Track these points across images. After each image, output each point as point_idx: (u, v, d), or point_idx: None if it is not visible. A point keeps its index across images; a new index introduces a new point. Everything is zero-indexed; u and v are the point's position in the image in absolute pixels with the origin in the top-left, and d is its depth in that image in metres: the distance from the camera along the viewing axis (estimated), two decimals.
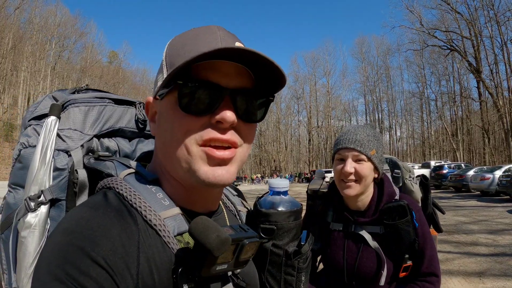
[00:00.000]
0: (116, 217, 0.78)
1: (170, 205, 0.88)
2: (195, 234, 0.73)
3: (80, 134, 1.15)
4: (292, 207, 1.11)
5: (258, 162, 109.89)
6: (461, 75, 70.63)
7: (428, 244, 1.95)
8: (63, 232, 0.75)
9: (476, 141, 69.56)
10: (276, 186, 1.13)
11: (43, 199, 1.05)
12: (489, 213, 15.69)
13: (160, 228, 0.81)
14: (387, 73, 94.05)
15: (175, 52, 0.89)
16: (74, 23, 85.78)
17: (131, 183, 0.89)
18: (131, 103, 1.34)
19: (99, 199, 0.84)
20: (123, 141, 1.27)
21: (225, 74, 0.84)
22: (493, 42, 55.48)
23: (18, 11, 68.96)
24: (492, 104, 55.00)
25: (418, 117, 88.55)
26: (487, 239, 10.45)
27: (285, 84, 0.91)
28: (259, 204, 1.12)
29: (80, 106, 1.19)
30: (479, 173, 25.29)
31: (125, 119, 1.29)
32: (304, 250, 1.10)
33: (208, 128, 0.83)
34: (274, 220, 1.07)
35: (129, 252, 0.74)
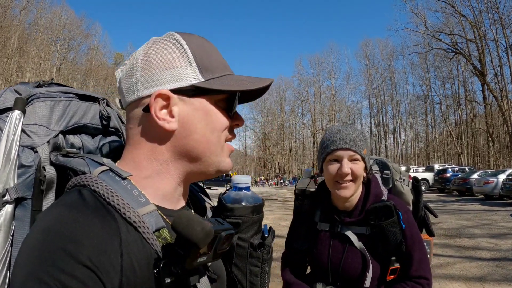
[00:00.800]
0: (95, 215, 0.79)
1: (146, 202, 0.89)
2: (179, 228, 0.75)
3: (46, 129, 1.10)
4: (255, 201, 1.16)
5: (262, 164, 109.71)
6: (465, 78, 70.25)
7: (416, 246, 1.92)
8: (42, 233, 0.74)
9: (480, 144, 69.18)
10: (239, 182, 1.19)
11: (8, 198, 1.00)
12: (492, 217, 15.62)
13: (140, 225, 0.83)
14: (391, 76, 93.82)
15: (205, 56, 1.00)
16: (79, 25, 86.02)
17: (106, 181, 0.89)
18: (95, 98, 1.31)
19: (75, 198, 0.84)
20: (87, 138, 1.24)
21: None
22: (498, 45, 55.17)
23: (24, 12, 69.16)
24: (497, 107, 54.76)
25: (422, 120, 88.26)
26: (489, 243, 10.41)
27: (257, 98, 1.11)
28: (223, 200, 1.17)
29: (46, 100, 1.14)
30: (482, 176, 25.19)
31: (89, 115, 1.25)
32: (268, 242, 1.17)
33: (232, 128, 1.03)
34: (239, 214, 1.12)
35: (112, 249, 0.75)
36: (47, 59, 76.09)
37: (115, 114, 1.33)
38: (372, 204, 1.95)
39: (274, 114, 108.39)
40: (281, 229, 13.79)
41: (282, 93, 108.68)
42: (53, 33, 78.42)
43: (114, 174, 0.93)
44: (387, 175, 2.28)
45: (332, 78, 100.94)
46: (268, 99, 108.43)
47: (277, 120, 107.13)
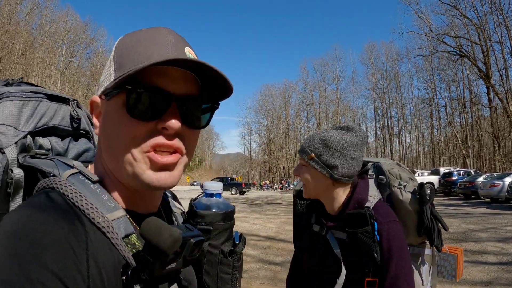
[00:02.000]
0: (63, 219, 0.76)
1: (116, 207, 0.87)
2: (147, 234, 0.73)
3: (15, 130, 1.08)
4: (226, 208, 1.14)
5: (267, 168, 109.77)
6: (470, 81, 69.97)
7: (394, 261, 1.77)
8: (7, 235, 0.71)
9: (486, 147, 68.81)
10: (210, 189, 1.17)
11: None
12: (498, 220, 15.49)
13: (108, 230, 0.80)
14: (396, 79, 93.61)
15: (125, 53, 0.87)
16: (84, 29, 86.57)
17: (76, 184, 0.86)
18: (65, 99, 1.27)
19: (43, 200, 0.80)
20: (56, 140, 1.21)
21: (173, 80, 0.86)
22: (503, 47, 54.96)
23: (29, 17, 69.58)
24: (502, 110, 54.55)
25: (427, 124, 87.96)
26: (496, 247, 10.30)
27: (232, 93, 0.94)
28: (194, 206, 1.14)
29: (14, 100, 1.12)
30: (488, 179, 25.07)
31: (58, 117, 1.22)
32: (239, 249, 1.14)
33: (154, 134, 0.85)
34: (210, 220, 1.10)
35: (78, 254, 0.72)
36: (53, 63, 76.61)
37: (85, 116, 1.30)
38: (349, 211, 1.89)
39: (279, 118, 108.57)
40: (285, 234, 13.83)
41: (287, 97, 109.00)
42: (58, 38, 79.02)
43: (84, 177, 0.90)
44: (382, 180, 2.13)
45: (336, 81, 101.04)
46: (273, 103, 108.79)
47: (282, 124, 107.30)
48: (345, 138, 1.90)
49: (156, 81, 0.84)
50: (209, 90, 0.94)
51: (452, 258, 2.50)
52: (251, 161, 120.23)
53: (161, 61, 0.77)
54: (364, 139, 1.95)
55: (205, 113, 0.95)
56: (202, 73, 0.89)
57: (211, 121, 0.98)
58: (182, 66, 0.85)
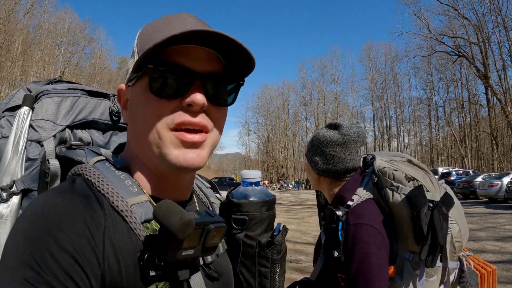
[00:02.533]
0: (82, 202, 0.78)
1: (138, 192, 0.88)
2: (159, 217, 0.73)
3: (53, 124, 1.15)
4: (264, 197, 1.11)
5: (265, 168, 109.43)
6: (469, 81, 70.12)
7: (354, 264, 1.70)
8: (29, 218, 0.74)
9: (484, 147, 68.88)
10: (248, 177, 1.14)
11: (15, 189, 1.05)
12: (497, 220, 15.55)
13: (127, 214, 0.81)
14: (395, 79, 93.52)
15: (146, 39, 0.88)
16: (83, 29, 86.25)
17: (100, 170, 0.89)
18: (105, 95, 1.33)
19: (66, 185, 0.84)
20: (97, 133, 1.27)
21: (196, 58, 0.85)
22: (501, 48, 55.11)
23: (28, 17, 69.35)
24: (501, 110, 54.62)
25: (426, 124, 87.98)
26: (495, 246, 10.38)
27: (254, 67, 0.91)
28: (231, 195, 1.13)
29: (53, 97, 1.19)
30: (487, 179, 25.13)
31: (98, 111, 1.28)
32: (277, 241, 1.09)
33: (179, 111, 0.84)
34: (246, 210, 1.07)
35: (94, 236, 0.74)
36: (51, 63, 76.38)
37: None
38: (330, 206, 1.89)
39: (277, 118, 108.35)
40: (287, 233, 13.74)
41: (285, 97, 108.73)
42: (57, 37, 78.78)
43: (110, 164, 0.93)
44: (374, 179, 1.94)
45: (335, 81, 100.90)
46: (271, 103, 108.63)
47: (280, 124, 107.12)
48: (326, 136, 1.94)
49: (178, 60, 0.84)
50: (233, 68, 0.93)
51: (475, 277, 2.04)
52: (250, 161, 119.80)
53: (179, 33, 0.75)
54: (347, 137, 1.90)
55: (231, 91, 0.94)
56: (224, 50, 0.88)
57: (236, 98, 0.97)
58: (203, 43, 0.85)
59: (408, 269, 1.78)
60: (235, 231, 1.07)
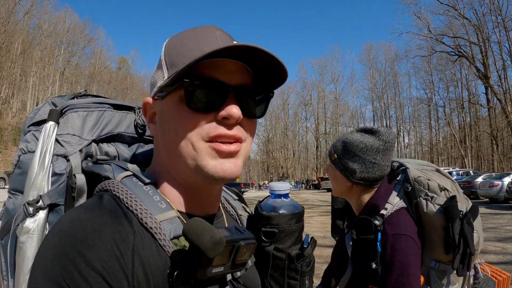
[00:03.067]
0: (110, 219, 0.78)
1: (167, 208, 0.88)
2: (189, 235, 0.72)
3: (79, 139, 1.15)
4: (294, 209, 1.10)
5: (265, 168, 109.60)
6: (469, 81, 70.23)
7: (393, 276, 1.67)
8: (57, 234, 0.74)
9: (484, 147, 68.94)
10: (277, 189, 1.13)
11: (42, 204, 1.05)
12: (497, 220, 15.47)
13: (156, 231, 0.81)
14: (395, 79, 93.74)
15: (175, 52, 0.89)
16: (83, 29, 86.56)
17: (128, 186, 0.89)
18: (130, 108, 1.32)
19: (94, 201, 0.84)
20: (123, 146, 1.26)
21: (228, 71, 0.86)
22: (501, 48, 55.20)
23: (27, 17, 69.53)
24: (501, 110, 54.62)
25: (426, 124, 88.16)
26: (496, 246, 10.30)
27: (286, 79, 0.92)
28: (260, 208, 1.12)
29: (78, 111, 1.19)
30: (487, 180, 25.08)
31: (124, 124, 1.28)
32: (307, 253, 1.08)
33: (215, 125, 0.84)
34: (276, 223, 1.07)
35: (123, 254, 0.74)
36: (51, 63, 76.60)
37: None
38: (362, 215, 1.85)
39: (277, 118, 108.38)
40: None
41: (285, 97, 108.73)
42: (57, 38, 79.04)
43: (137, 180, 0.92)
44: (407, 188, 1.91)
45: (335, 81, 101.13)
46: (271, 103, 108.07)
47: (280, 124, 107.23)
48: (365, 142, 1.82)
49: (212, 73, 0.84)
50: (262, 81, 0.94)
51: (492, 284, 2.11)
52: (250, 161, 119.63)
53: (216, 50, 0.76)
54: (388, 144, 1.83)
55: (261, 103, 0.94)
56: (253, 63, 0.89)
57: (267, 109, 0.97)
58: (235, 56, 0.85)
59: (434, 278, 1.79)
60: (264, 244, 1.07)
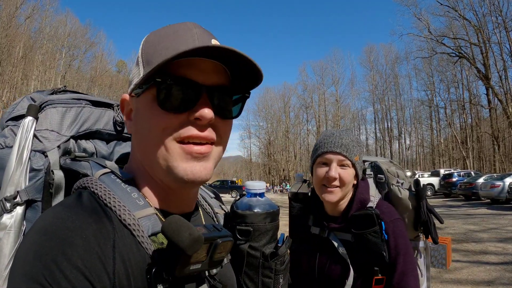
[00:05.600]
0: (91, 217, 0.77)
1: (145, 205, 0.87)
2: (168, 233, 0.72)
3: (57, 135, 1.14)
4: (269, 208, 1.11)
5: (267, 171, 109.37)
6: (470, 82, 69.94)
7: (401, 258, 1.83)
8: (38, 232, 0.74)
9: (486, 148, 68.73)
10: (252, 188, 1.14)
11: (19, 200, 1.04)
12: (499, 221, 15.54)
13: (134, 228, 0.81)
14: (395, 81, 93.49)
15: (151, 50, 0.88)
16: (84, 33, 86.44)
17: (106, 183, 0.88)
18: (109, 105, 1.33)
19: (73, 199, 0.83)
20: (101, 143, 1.27)
21: (202, 71, 0.85)
22: (502, 48, 54.99)
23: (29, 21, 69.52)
24: (502, 111, 54.54)
25: (427, 125, 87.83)
26: (497, 247, 10.36)
27: (262, 80, 0.91)
28: (235, 206, 1.13)
29: (57, 107, 1.19)
30: (489, 180, 25.14)
31: (102, 121, 1.28)
32: (281, 252, 1.09)
33: (187, 125, 0.84)
34: (250, 221, 1.07)
35: (104, 251, 0.73)
36: (52, 67, 76.53)
37: None
38: (355, 212, 1.92)
39: (278, 120, 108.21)
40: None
41: (286, 100, 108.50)
42: (58, 41, 78.88)
43: (115, 177, 0.92)
44: (381, 179, 2.17)
45: (336, 84, 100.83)
46: (272, 106, 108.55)
47: (281, 126, 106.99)
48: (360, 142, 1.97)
49: (186, 73, 0.84)
50: (238, 81, 0.93)
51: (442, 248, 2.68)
52: (251, 164, 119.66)
53: (189, 50, 0.75)
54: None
55: (237, 103, 0.94)
56: (230, 63, 0.88)
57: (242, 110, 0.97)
58: (210, 56, 0.84)
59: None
60: (239, 242, 1.07)
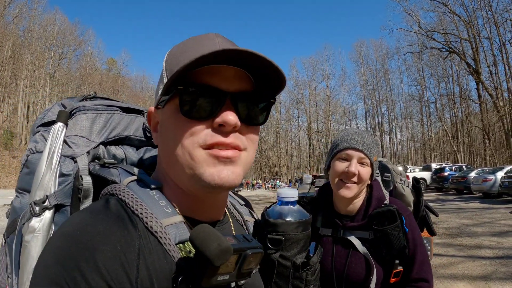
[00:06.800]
0: (116, 223, 0.77)
1: (173, 212, 0.87)
2: (196, 242, 0.71)
3: (87, 141, 1.16)
4: (301, 217, 1.09)
5: (258, 167, 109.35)
6: (460, 77, 70.40)
7: (418, 249, 1.93)
8: (62, 237, 0.74)
9: (476, 142, 69.33)
10: (284, 196, 1.11)
11: (48, 204, 1.06)
12: (492, 215, 15.61)
13: (161, 236, 0.80)
14: (386, 76, 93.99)
15: (174, 60, 0.88)
16: (73, 31, 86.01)
17: (134, 190, 0.89)
18: (140, 111, 1.33)
19: (100, 205, 0.84)
20: (131, 149, 1.27)
21: (225, 78, 0.84)
22: (492, 43, 55.51)
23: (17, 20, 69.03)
24: (492, 105, 54.99)
25: (418, 120, 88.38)
26: (491, 241, 10.37)
27: (285, 85, 0.91)
28: (267, 214, 1.10)
29: (87, 113, 1.20)
30: (480, 174, 25.30)
31: (132, 128, 1.29)
32: (313, 262, 1.08)
33: (211, 132, 0.82)
34: (282, 230, 1.05)
35: (128, 258, 0.73)
36: (41, 66, 76.03)
37: None
38: (375, 209, 1.95)
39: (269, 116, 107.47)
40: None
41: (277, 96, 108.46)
42: (47, 40, 78.46)
43: (143, 184, 0.92)
44: (388, 177, 2.30)
45: (326, 79, 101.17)
46: None
47: (272, 122, 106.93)
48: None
49: (208, 80, 0.83)
50: (263, 87, 0.92)
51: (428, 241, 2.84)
52: None
53: (207, 54, 0.75)
54: None
55: (262, 109, 0.92)
56: (254, 70, 0.87)
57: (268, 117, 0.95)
58: (232, 63, 0.84)
59: None
60: (270, 251, 1.06)
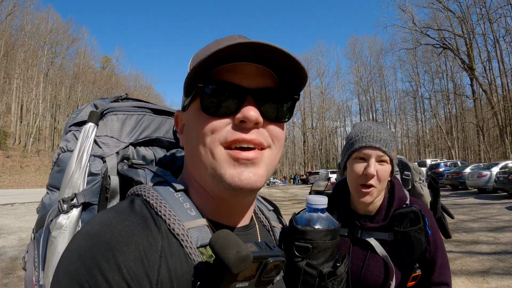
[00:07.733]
0: (140, 224, 0.77)
1: (197, 215, 0.86)
2: (215, 247, 0.70)
3: (117, 141, 1.18)
4: (330, 225, 1.07)
5: None
6: (454, 73, 70.59)
7: (439, 252, 1.80)
8: (85, 235, 0.74)
9: (471, 138, 69.62)
10: (313, 203, 1.09)
11: (76, 202, 1.08)
12: (488, 210, 15.64)
13: (183, 238, 0.80)
14: (380, 72, 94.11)
15: (196, 60, 0.86)
16: (66, 29, 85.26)
17: (159, 192, 0.89)
18: (171, 113, 1.35)
19: (125, 205, 0.84)
20: (160, 151, 1.29)
21: (246, 75, 0.84)
22: (486, 40, 55.73)
23: (10, 18, 68.35)
24: (486, 101, 55.15)
25: (412, 116, 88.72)
26: (488, 237, 10.39)
27: (307, 79, 0.89)
28: (295, 221, 1.09)
29: (118, 114, 1.22)
30: (475, 170, 25.34)
31: (163, 129, 1.31)
32: (340, 272, 1.07)
33: (232, 129, 0.82)
34: (310, 238, 1.04)
35: (150, 260, 0.73)
36: (35, 64, 75.41)
37: None
38: (396, 209, 1.80)
39: None
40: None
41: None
42: (40, 38, 77.80)
43: (169, 186, 0.92)
44: (408, 176, 2.18)
45: (321, 76, 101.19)
46: None
47: None
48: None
49: (229, 78, 0.83)
50: (287, 83, 0.91)
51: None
52: None
53: (223, 47, 0.75)
54: None
55: (286, 106, 0.91)
56: (275, 67, 0.87)
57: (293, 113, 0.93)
58: (253, 59, 0.84)
59: None
60: (296, 259, 1.04)
